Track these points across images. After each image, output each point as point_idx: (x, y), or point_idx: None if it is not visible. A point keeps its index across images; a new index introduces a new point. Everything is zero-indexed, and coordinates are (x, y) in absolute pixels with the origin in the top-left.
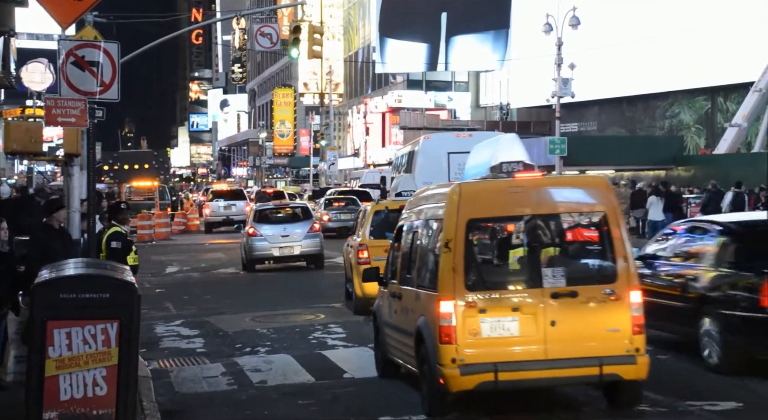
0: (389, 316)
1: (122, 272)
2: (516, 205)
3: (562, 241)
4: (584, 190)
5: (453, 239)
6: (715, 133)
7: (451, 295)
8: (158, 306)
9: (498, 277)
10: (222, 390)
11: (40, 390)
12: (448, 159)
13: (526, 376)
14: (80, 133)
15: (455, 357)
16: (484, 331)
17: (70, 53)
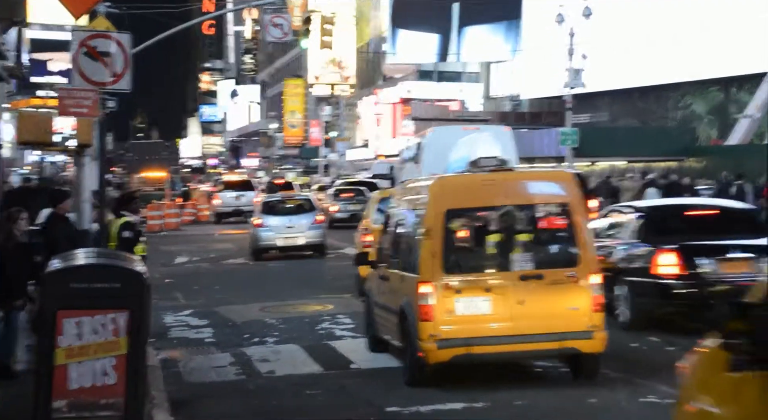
0: (378, 296)
1: (132, 262)
2: (489, 197)
3: (530, 229)
4: (551, 183)
5: (432, 228)
6: (728, 124)
7: (430, 278)
8: (167, 296)
9: (472, 261)
10: (230, 380)
11: (49, 379)
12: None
13: (496, 350)
14: (92, 124)
15: (433, 333)
16: (459, 309)
17: (83, 44)
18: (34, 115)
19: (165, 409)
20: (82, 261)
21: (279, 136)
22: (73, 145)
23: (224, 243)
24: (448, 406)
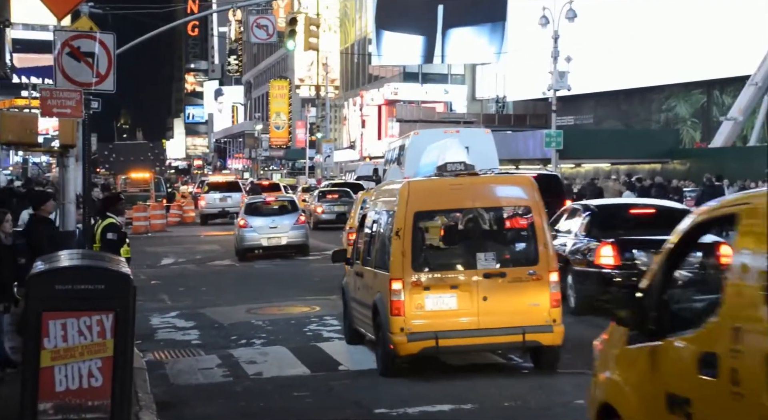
0: (354, 291)
1: (118, 264)
2: (456, 200)
3: (493, 230)
4: (512, 187)
5: (402, 228)
6: (711, 126)
7: (400, 276)
8: (154, 297)
9: (440, 260)
10: (217, 382)
11: (35, 381)
12: None
13: (462, 343)
14: (76, 125)
15: (403, 326)
16: (427, 305)
17: (66, 44)
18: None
19: (152, 411)
20: (66, 262)
21: (264, 138)
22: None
23: (210, 244)
24: (436, 407)
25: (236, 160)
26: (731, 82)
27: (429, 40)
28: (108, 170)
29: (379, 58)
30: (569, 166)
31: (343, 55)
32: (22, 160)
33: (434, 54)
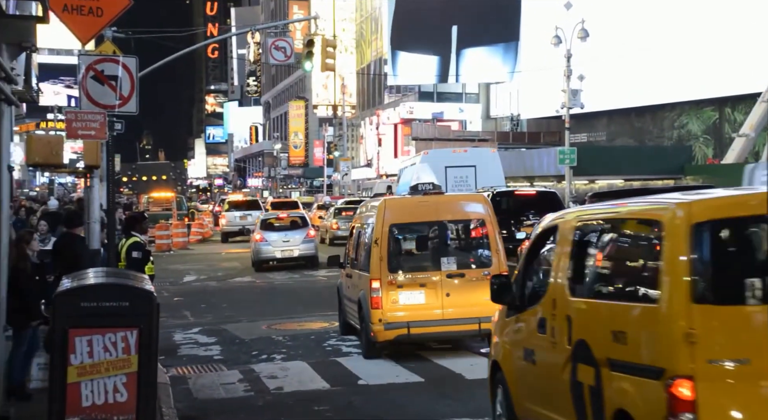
0: (345, 290)
1: (142, 281)
2: (424, 214)
3: (455, 239)
4: (471, 203)
5: (380, 238)
6: (723, 143)
7: (378, 277)
8: (176, 314)
9: (411, 263)
10: (239, 396)
11: (62, 396)
12: (445, 172)
13: (429, 331)
14: (100, 146)
15: (381, 318)
16: (400, 300)
17: (90, 68)
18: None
19: None
20: (92, 280)
21: (283, 157)
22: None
23: (231, 262)
24: None
25: (256, 179)
26: (742, 99)
27: (443, 60)
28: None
29: (395, 78)
30: (583, 183)
31: (360, 75)
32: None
33: (449, 73)
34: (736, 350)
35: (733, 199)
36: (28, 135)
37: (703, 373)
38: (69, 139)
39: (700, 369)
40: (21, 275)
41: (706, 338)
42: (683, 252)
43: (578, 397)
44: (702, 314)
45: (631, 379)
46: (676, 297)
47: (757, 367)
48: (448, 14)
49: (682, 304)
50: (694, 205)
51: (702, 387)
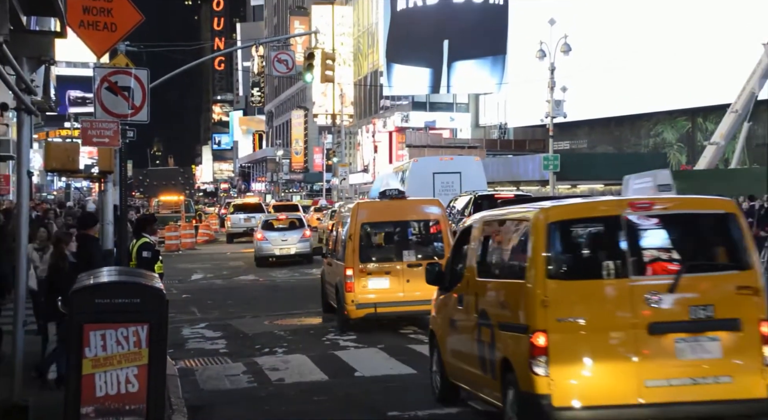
0: (327, 276)
1: (152, 279)
2: (390, 215)
3: (414, 235)
4: (427, 206)
5: (354, 234)
6: (696, 150)
7: (351, 265)
8: (184, 310)
9: (378, 255)
10: (243, 387)
11: (78, 387)
12: (433, 178)
13: (392, 310)
14: (113, 152)
15: (353, 299)
16: (369, 285)
17: (104, 79)
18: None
19: (183, 414)
20: (105, 279)
21: (285, 162)
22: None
23: (236, 261)
24: (444, 410)
25: (259, 183)
26: (713, 109)
27: (435, 72)
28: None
29: (390, 89)
30: (566, 187)
31: (357, 86)
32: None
33: (440, 85)
34: (575, 312)
35: (575, 206)
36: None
37: (553, 327)
38: (85, 145)
39: (551, 325)
40: (60, 274)
41: (555, 303)
42: (541, 243)
43: (481, 352)
44: (553, 287)
45: (512, 335)
46: (536, 274)
47: (589, 322)
48: (440, 29)
49: (540, 280)
50: (550, 210)
51: (552, 338)
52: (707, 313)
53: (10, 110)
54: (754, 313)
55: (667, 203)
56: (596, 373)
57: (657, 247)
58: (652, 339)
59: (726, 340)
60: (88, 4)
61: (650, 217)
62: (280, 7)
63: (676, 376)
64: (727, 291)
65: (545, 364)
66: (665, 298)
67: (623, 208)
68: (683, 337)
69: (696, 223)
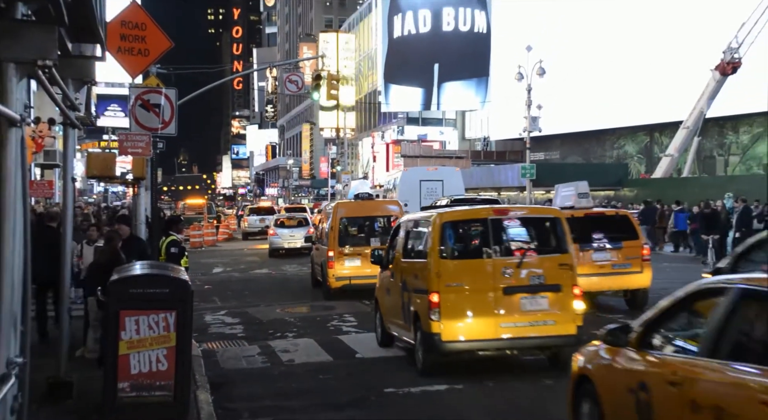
0: (315, 258)
1: (179, 272)
2: (362, 211)
3: (379, 227)
4: (389, 205)
5: (335, 226)
6: (653, 161)
7: (333, 249)
8: (207, 299)
9: (352, 241)
10: (258, 367)
11: (115, 365)
12: (420, 185)
13: (361, 282)
14: (145, 161)
15: (334, 274)
16: (345, 264)
17: (138, 98)
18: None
19: (206, 389)
20: (138, 272)
21: (295, 170)
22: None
23: (252, 256)
24: (434, 387)
25: (272, 189)
26: (668, 125)
27: (427, 91)
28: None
29: (387, 106)
30: (541, 193)
31: (358, 103)
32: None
33: (431, 102)
34: (457, 280)
35: (459, 212)
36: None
37: (443, 290)
38: (121, 155)
39: (441, 288)
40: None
41: (444, 275)
42: (436, 235)
43: (404, 309)
44: (443, 264)
45: (419, 296)
46: (433, 256)
47: (466, 287)
48: (431, 54)
49: (435, 259)
50: (443, 214)
51: (442, 297)
52: (540, 281)
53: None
54: (569, 280)
55: (519, 210)
56: (470, 319)
57: (511, 238)
58: (506, 297)
59: (551, 298)
60: (124, 32)
61: (507, 219)
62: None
63: (520, 321)
64: (553, 266)
65: (438, 313)
66: (514, 271)
67: (489, 213)
68: (525, 296)
69: (536, 224)
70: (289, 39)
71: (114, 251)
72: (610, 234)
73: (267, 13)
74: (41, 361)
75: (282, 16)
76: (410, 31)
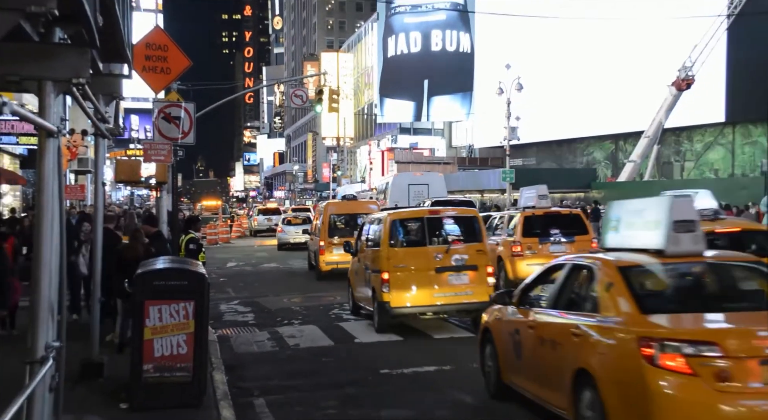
0: (310, 246)
1: (197, 266)
2: (347, 209)
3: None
4: (369, 204)
5: (325, 221)
6: (618, 166)
7: (324, 240)
8: (222, 290)
9: (339, 233)
10: (267, 350)
11: (140, 349)
12: (408, 188)
13: (347, 266)
14: (167, 167)
15: (324, 259)
16: (333, 251)
17: (161, 111)
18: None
19: (221, 371)
20: (161, 266)
21: (300, 175)
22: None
23: (261, 252)
24: (424, 368)
25: (280, 191)
26: (632, 135)
27: (418, 104)
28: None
29: (382, 118)
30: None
31: (356, 115)
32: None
33: (422, 114)
34: (402, 262)
35: (405, 212)
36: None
37: (392, 270)
38: (145, 162)
39: (390, 269)
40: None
41: (393, 259)
42: (387, 230)
43: (365, 285)
44: (391, 251)
45: (375, 275)
46: (384, 245)
47: (409, 267)
48: (421, 71)
49: (386, 247)
50: (392, 214)
51: (391, 275)
52: (463, 262)
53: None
54: (484, 262)
55: (448, 212)
56: (411, 291)
57: (442, 232)
58: (438, 275)
59: (471, 275)
60: (149, 53)
61: (439, 218)
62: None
63: (448, 292)
64: (472, 252)
65: (388, 287)
66: (444, 256)
67: (425, 213)
68: (452, 273)
69: (460, 221)
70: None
71: (139, 248)
72: (565, 230)
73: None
74: (75, 345)
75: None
76: (402, 50)
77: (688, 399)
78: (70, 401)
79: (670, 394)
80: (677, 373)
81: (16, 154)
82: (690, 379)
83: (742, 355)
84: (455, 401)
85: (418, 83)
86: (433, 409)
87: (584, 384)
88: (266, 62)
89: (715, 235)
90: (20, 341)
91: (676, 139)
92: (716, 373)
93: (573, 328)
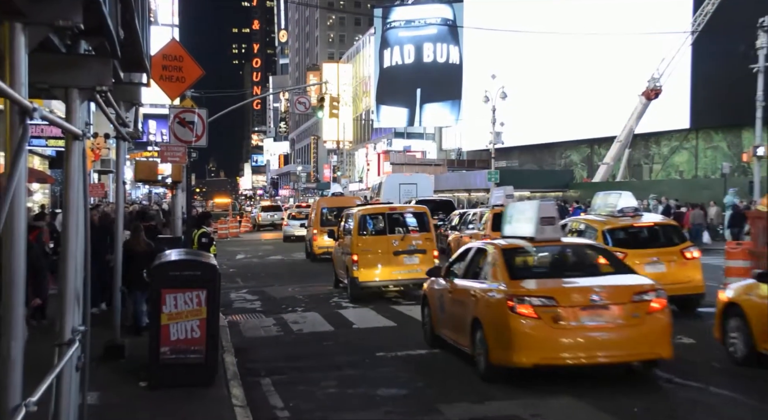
0: (306, 236)
1: (209, 258)
2: (335, 204)
3: None
4: (355, 200)
5: (317, 214)
6: (593, 168)
7: (316, 229)
8: (231, 280)
9: (329, 224)
10: (273, 335)
11: (158, 333)
12: (399, 187)
13: (332, 250)
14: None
15: (316, 245)
16: (325, 239)
17: (176, 116)
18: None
19: (231, 353)
20: (176, 257)
21: (303, 175)
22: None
23: (267, 245)
24: (416, 352)
25: (284, 190)
26: (605, 139)
27: (411, 111)
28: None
29: (379, 123)
30: None
31: (355, 120)
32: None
33: (415, 120)
34: (368, 247)
35: (371, 208)
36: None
37: (360, 253)
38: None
39: (358, 252)
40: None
41: (360, 244)
42: (356, 222)
43: (342, 265)
44: (360, 239)
45: (348, 257)
46: (354, 234)
47: (373, 251)
48: (414, 81)
49: (356, 235)
50: (361, 209)
51: (359, 257)
52: (415, 247)
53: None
54: (431, 247)
55: (405, 208)
56: (375, 270)
57: (399, 223)
58: (395, 257)
59: (421, 257)
60: (165, 63)
61: (397, 213)
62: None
63: (403, 270)
64: (423, 239)
65: (357, 266)
66: (400, 242)
67: (386, 210)
68: (406, 256)
69: (413, 215)
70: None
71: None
72: None
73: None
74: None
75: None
76: (397, 62)
77: (534, 334)
78: (95, 380)
79: (523, 330)
80: (528, 317)
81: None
82: (536, 320)
83: (569, 304)
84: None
85: (412, 92)
86: (423, 389)
87: (477, 328)
88: (272, 72)
89: (636, 228)
90: (50, 331)
91: (646, 143)
92: (552, 316)
93: (472, 291)
